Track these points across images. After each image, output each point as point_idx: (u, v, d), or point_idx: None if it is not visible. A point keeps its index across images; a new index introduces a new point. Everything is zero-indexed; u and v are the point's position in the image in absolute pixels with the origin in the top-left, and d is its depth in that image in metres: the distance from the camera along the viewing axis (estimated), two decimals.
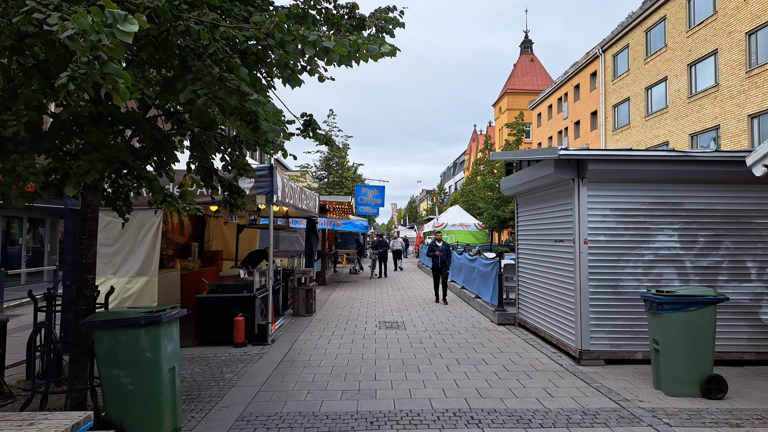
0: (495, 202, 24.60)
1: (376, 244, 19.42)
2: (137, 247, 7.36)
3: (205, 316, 7.52)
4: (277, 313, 9.32)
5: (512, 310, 9.15)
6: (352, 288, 15.32)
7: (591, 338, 6.18)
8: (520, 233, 8.80)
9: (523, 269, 8.64)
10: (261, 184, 7.49)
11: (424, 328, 8.68)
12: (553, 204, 7.14)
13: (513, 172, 9.03)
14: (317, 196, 12.21)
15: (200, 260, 11.80)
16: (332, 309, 10.93)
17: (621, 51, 28.71)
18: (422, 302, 12.02)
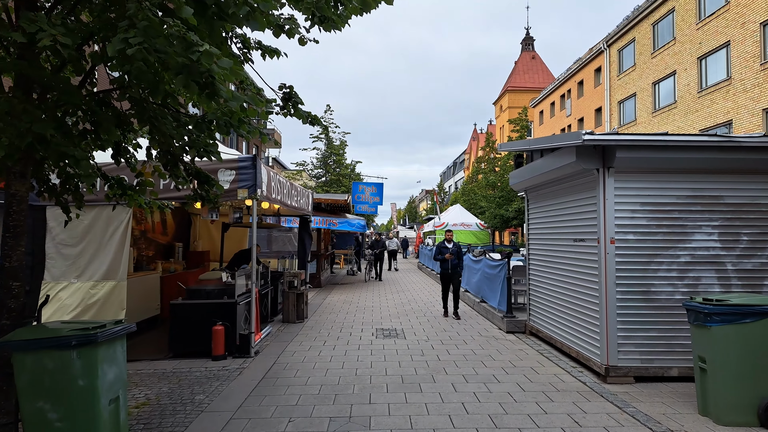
0: (498, 200, 23.80)
1: (373, 243, 18.17)
2: (104, 248, 6.55)
3: (180, 325, 6.70)
4: (264, 319, 8.50)
5: (522, 317, 8.34)
6: (348, 291, 14.50)
7: (619, 352, 5.37)
8: (531, 232, 7.98)
9: (534, 272, 7.82)
10: (243, 176, 6.67)
11: (426, 337, 7.86)
12: (572, 198, 6.33)
13: (523, 165, 8.21)
14: (310, 193, 11.39)
15: (185, 262, 10.99)
16: (326, 314, 10.10)
17: (627, 45, 27.91)
18: (423, 307, 11.20)
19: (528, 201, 8.12)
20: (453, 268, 9.54)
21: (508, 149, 7.95)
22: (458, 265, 9.59)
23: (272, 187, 7.59)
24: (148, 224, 9.99)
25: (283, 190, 8.31)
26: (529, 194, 8.02)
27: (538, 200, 7.63)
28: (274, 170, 7.81)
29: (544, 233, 7.43)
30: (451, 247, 9.64)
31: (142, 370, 6.04)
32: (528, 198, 8.11)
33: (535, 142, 6.61)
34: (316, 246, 15.44)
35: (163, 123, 3.59)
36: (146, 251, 9.88)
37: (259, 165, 6.81)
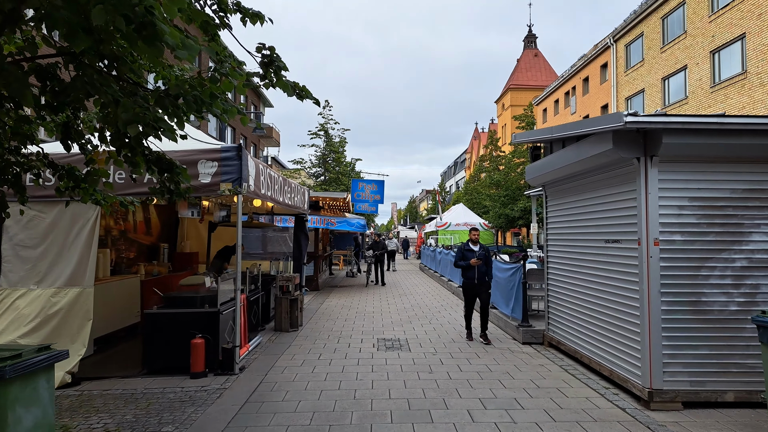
0: (502, 199, 22.98)
1: (373, 244, 16.41)
2: (68, 250, 5.74)
3: (155, 338, 5.89)
4: (253, 328, 7.69)
5: (539, 326, 7.53)
6: (347, 294, 13.69)
7: (664, 373, 4.56)
8: (550, 232, 7.17)
9: (554, 276, 7.01)
10: (226, 168, 5.87)
11: (433, 348, 7.05)
12: (603, 193, 5.52)
13: (541, 157, 7.41)
14: (306, 190, 10.58)
15: (170, 264, 10.17)
16: (322, 321, 9.29)
17: (635, 40, 27.11)
18: (428, 313, 10.39)
19: (547, 197, 7.31)
20: (480, 277, 7.54)
21: (524, 140, 7.15)
22: (487, 274, 7.60)
23: (261, 182, 6.78)
24: (129, 223, 9.18)
25: (274, 185, 7.51)
26: (549, 190, 7.21)
27: (560, 196, 6.82)
28: (263, 163, 7.01)
29: (566, 233, 6.62)
30: (477, 251, 7.64)
31: (108, 391, 5.24)
32: (547, 194, 7.30)
33: (560, 130, 5.80)
34: (313, 247, 14.64)
35: (104, 91, 2.78)
36: (127, 253, 9.07)
37: (246, 156, 6.00)
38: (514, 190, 22.93)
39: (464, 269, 7.67)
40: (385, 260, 16.66)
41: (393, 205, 69.60)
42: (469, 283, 7.65)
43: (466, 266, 7.61)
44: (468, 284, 7.68)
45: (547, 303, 7.22)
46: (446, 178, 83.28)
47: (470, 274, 7.60)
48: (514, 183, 23.15)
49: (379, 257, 16.41)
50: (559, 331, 6.77)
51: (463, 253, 7.73)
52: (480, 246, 7.79)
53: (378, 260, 16.45)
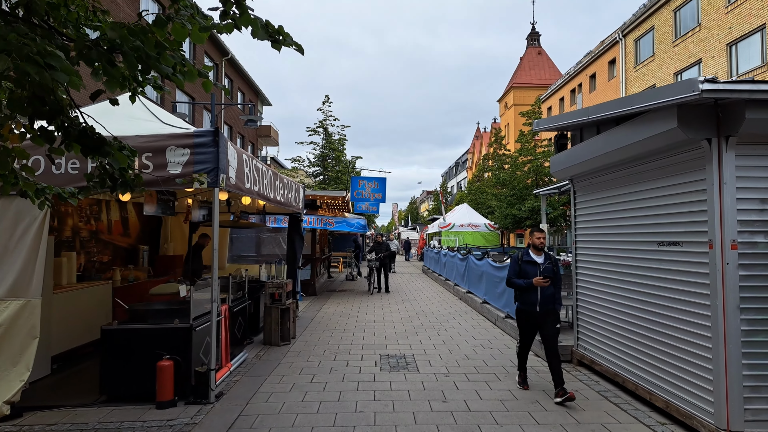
0: (509, 199, 22.00)
1: (375, 245, 14.36)
2: (9, 254, 4.78)
3: (115, 359, 4.92)
4: (238, 342, 6.72)
5: (567, 341, 6.57)
6: (347, 300, 12.72)
7: (746, 411, 3.59)
8: (580, 232, 6.21)
9: (585, 283, 6.05)
10: (201, 156, 4.91)
11: (445, 368, 6.08)
12: (656, 185, 4.56)
13: (567, 146, 6.46)
14: (302, 187, 9.63)
15: (150, 268, 9.22)
16: (318, 332, 8.32)
17: (645, 34, 26.17)
18: (435, 322, 9.42)
19: (575, 193, 6.35)
20: (545, 302, 5.13)
21: (549, 126, 6.20)
22: (555, 298, 5.21)
23: (246, 175, 5.82)
24: (103, 223, 8.23)
25: (262, 179, 6.55)
26: (578, 184, 6.25)
27: (593, 190, 5.86)
28: (247, 153, 6.06)
29: (601, 233, 5.65)
30: (542, 264, 5.23)
31: (53, 426, 4.28)
32: (575, 189, 6.34)
33: (600, 110, 4.83)
34: (310, 249, 13.68)
35: None
36: (99, 256, 8.12)
37: (224, 142, 5.04)
38: (521, 189, 21.95)
39: (521, 290, 5.24)
40: (389, 264, 14.82)
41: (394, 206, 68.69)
42: (528, 310, 5.18)
43: (525, 286, 5.17)
44: (526, 312, 5.23)
45: (575, 314, 6.26)
46: (447, 178, 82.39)
47: (530, 297, 5.15)
48: (520, 182, 22.18)
49: (383, 261, 14.50)
50: (593, 348, 5.81)
51: (520, 265, 5.28)
52: (546, 256, 5.29)
53: (382, 264, 14.52)
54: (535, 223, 21.24)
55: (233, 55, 29.19)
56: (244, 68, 31.73)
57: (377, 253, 14.29)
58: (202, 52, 26.00)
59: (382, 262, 14.35)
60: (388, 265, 14.57)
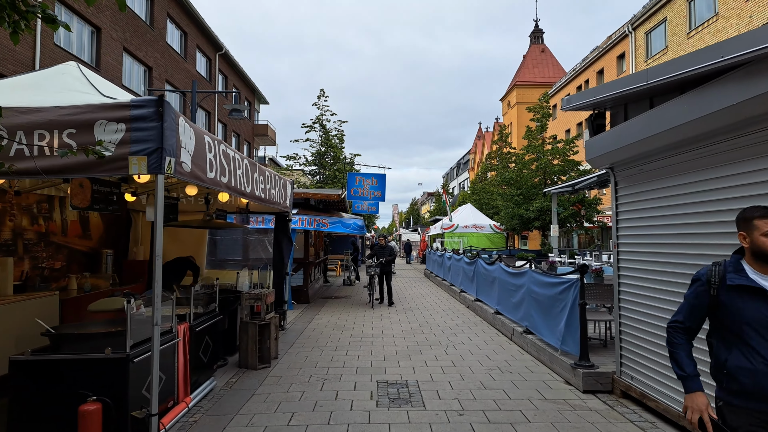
0: (516, 198, 20.80)
1: (377, 249, 12.17)
2: None
3: (27, 399, 3.75)
4: (204, 367, 5.52)
5: (605, 365, 5.38)
6: (343, 308, 11.53)
7: None
8: (624, 233, 5.03)
9: (631, 296, 4.87)
10: (140, 134, 3.74)
11: (457, 401, 4.89)
12: (741, 170, 3.38)
13: (605, 127, 5.29)
14: (289, 182, 8.48)
15: (116, 275, 8.05)
16: (305, 351, 7.14)
17: (656, 26, 25.02)
18: (441, 336, 8.24)
19: (617, 184, 5.16)
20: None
21: (583, 103, 5.03)
22: None
23: (209, 161, 4.65)
24: (55, 223, 7.06)
25: (234, 169, 5.38)
26: (621, 172, 5.06)
27: (643, 180, 4.67)
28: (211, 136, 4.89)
29: (656, 234, 4.48)
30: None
31: None
32: (617, 179, 5.16)
33: (665, 70, 3.66)
34: (303, 252, 12.51)
35: None
36: (49, 261, 6.94)
37: (171, 115, 3.86)
38: (529, 188, 20.74)
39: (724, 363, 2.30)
40: (392, 270, 12.36)
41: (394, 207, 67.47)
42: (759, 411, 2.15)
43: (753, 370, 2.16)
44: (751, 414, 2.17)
45: (618, 334, 5.06)
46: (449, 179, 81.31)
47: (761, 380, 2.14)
48: (528, 180, 20.97)
49: (385, 266, 12.06)
50: (643, 377, 4.62)
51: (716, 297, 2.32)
52: None
53: (384, 271, 12.13)
54: (544, 224, 20.05)
55: (227, 49, 28.08)
56: (239, 64, 30.63)
57: (379, 257, 12.14)
58: (194, 46, 24.89)
59: (384, 269, 12.14)
60: (391, 272, 12.35)
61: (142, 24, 19.54)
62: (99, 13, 16.48)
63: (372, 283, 12.09)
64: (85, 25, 16.06)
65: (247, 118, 34.49)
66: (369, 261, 12.23)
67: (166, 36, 21.74)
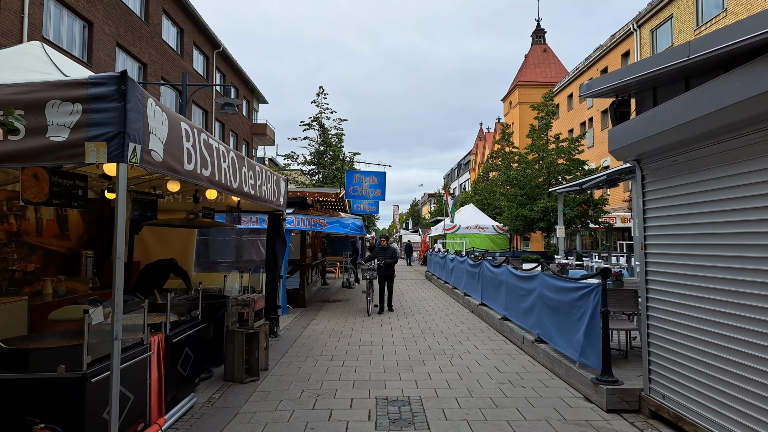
0: (520, 199, 20.25)
1: (377, 251, 10.98)
2: None
3: None
4: (184, 381, 4.98)
5: (629, 380, 4.84)
6: (341, 312, 10.99)
7: None
8: (652, 232, 4.49)
9: (662, 302, 4.32)
10: (98, 115, 3.20)
11: (466, 423, 4.35)
12: None
13: (630, 115, 4.75)
14: (282, 179, 7.95)
15: (97, 278, 7.51)
16: (299, 361, 6.59)
17: (662, 23, 24.52)
18: (446, 344, 7.70)
19: (644, 178, 4.62)
20: None
21: (606, 87, 4.50)
22: None
23: (186, 151, 4.11)
24: (28, 222, 6.52)
25: (219, 162, 4.84)
26: (650, 165, 4.52)
27: (675, 173, 4.13)
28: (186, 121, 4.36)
29: (692, 233, 3.93)
30: None
31: None
32: (644, 172, 4.61)
33: (713, 41, 3.12)
34: (299, 253, 11.97)
35: None
36: (21, 263, 6.40)
37: (138, 94, 3.33)
38: (533, 187, 20.19)
39: None
40: (394, 274, 11.22)
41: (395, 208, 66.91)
42: None
43: None
44: None
45: (647, 346, 4.52)
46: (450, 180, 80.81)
47: None
48: (532, 180, 20.42)
49: (386, 270, 10.87)
50: (677, 396, 4.07)
51: None
52: None
53: (384, 276, 10.94)
54: (548, 225, 19.50)
55: (225, 47, 27.58)
56: (237, 62, 30.14)
57: (379, 259, 10.87)
58: (191, 43, 24.38)
59: (385, 273, 10.88)
60: (393, 277, 11.12)
61: (137, 19, 19.04)
62: (91, 6, 15.97)
63: (370, 289, 10.89)
64: (77, 18, 15.55)
65: (246, 117, 34.01)
66: (369, 264, 11.10)
67: (162, 32, 21.23)
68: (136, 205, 5.31)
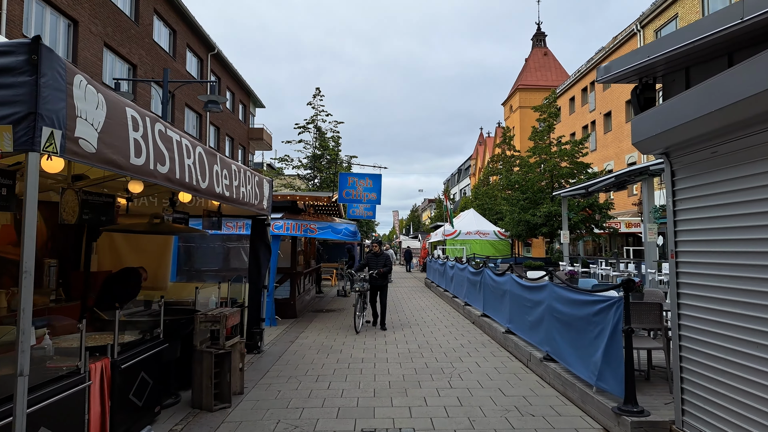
0: (522, 203, 19.59)
1: (369, 258, 9.78)
2: None
3: None
4: (141, 411, 4.29)
5: (656, 409, 4.15)
6: (333, 323, 10.30)
7: None
8: (684, 237, 3.82)
9: (695, 322, 3.65)
10: (2, 92, 2.56)
11: None
12: None
13: (656, 102, 4.10)
14: (266, 180, 7.32)
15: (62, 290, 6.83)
16: (280, 383, 5.90)
17: (667, 23, 23.95)
18: (443, 358, 7.01)
19: (674, 174, 3.96)
20: None
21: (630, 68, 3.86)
22: None
23: (134, 142, 3.45)
24: None
25: (181, 158, 4.20)
26: (682, 158, 3.85)
27: (717, 167, 3.46)
28: (134, 107, 3.69)
29: (735, 239, 3.27)
30: None
31: None
32: (674, 167, 3.95)
33: None
34: (290, 261, 11.29)
35: None
36: None
37: (57, 68, 2.67)
38: (536, 191, 19.54)
39: None
40: (387, 285, 9.96)
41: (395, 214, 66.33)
42: None
43: None
44: None
45: (679, 371, 3.83)
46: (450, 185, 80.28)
47: None
48: (534, 184, 19.77)
49: (378, 280, 9.62)
50: None
51: None
52: None
53: (376, 287, 9.71)
54: (552, 230, 18.83)
55: (220, 50, 27.05)
56: (232, 65, 29.59)
57: (371, 268, 9.63)
58: (184, 45, 23.83)
59: (377, 283, 9.64)
60: (386, 288, 9.84)
61: (126, 19, 18.47)
62: (76, 4, 15.40)
63: (361, 302, 9.52)
64: (60, 16, 14.97)
65: (242, 121, 33.43)
66: (361, 274, 9.76)
67: (153, 33, 20.67)
68: (86, 208, 4.65)
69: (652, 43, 3.73)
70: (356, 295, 9.66)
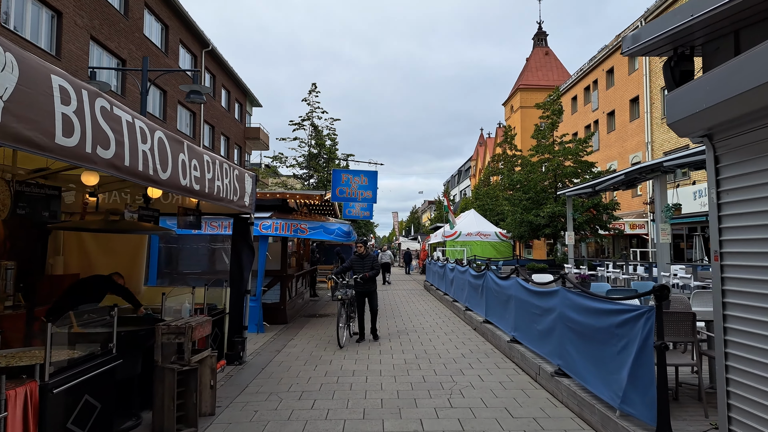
0: (524, 203, 18.94)
1: (353, 260, 8.60)
2: None
3: None
4: None
5: None
6: (324, 331, 9.64)
7: None
8: (729, 236, 3.18)
9: (745, 338, 3.00)
10: None
11: None
12: None
13: (693, 75, 3.46)
14: (249, 175, 6.68)
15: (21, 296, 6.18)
16: (257, 401, 5.24)
17: None
18: (442, 371, 6.36)
19: (717, 160, 3.32)
20: None
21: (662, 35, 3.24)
22: None
23: (62, 118, 2.82)
24: None
25: (133, 142, 3.57)
26: (728, 140, 3.21)
27: None
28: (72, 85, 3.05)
29: None
30: None
31: None
32: (718, 152, 3.31)
33: None
34: (279, 263, 10.64)
35: None
36: None
37: None
38: (539, 192, 18.89)
39: None
40: (376, 290, 8.76)
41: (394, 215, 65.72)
42: None
43: None
44: None
45: (725, 396, 3.18)
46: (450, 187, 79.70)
47: None
48: (537, 184, 19.12)
49: (365, 286, 8.48)
50: None
51: None
52: None
53: (362, 293, 8.58)
54: (554, 231, 18.18)
55: (214, 46, 26.43)
56: (228, 63, 28.96)
57: (356, 272, 8.48)
58: (177, 41, 23.21)
59: (363, 290, 8.50)
60: (375, 294, 8.66)
61: (115, 12, 17.85)
62: None
63: (343, 312, 8.24)
64: (43, 7, 14.34)
65: (238, 120, 32.81)
66: (347, 279, 8.53)
67: (144, 27, 20.05)
68: (21, 201, 4.00)
69: (688, 3, 3.09)
70: (339, 305, 8.28)
